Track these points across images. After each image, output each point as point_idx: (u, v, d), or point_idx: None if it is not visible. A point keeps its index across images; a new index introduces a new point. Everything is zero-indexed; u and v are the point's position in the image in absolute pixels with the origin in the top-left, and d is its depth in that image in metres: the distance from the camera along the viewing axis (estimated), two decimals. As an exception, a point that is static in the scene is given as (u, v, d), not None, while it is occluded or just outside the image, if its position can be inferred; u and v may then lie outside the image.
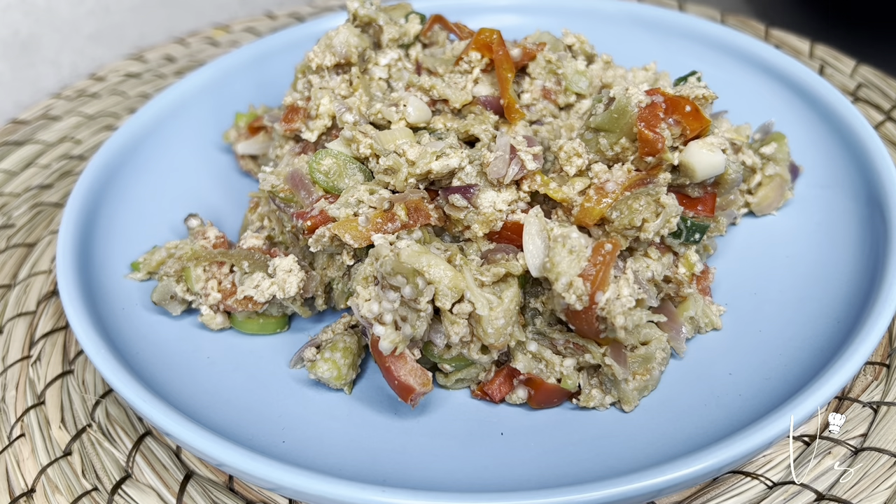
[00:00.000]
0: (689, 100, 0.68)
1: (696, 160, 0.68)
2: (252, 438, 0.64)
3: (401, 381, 0.64)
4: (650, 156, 0.68)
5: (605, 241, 0.64)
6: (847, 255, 0.74)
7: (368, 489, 0.55)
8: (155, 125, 0.93)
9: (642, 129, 0.66)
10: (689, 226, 0.70)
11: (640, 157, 0.68)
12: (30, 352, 0.82)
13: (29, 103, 1.23)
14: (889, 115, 1.01)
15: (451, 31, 0.90)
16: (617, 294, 0.62)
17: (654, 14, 1.03)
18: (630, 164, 0.69)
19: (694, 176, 0.69)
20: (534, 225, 0.66)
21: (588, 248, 0.63)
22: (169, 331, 0.75)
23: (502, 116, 0.80)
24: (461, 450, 0.64)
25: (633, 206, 0.66)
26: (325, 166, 0.72)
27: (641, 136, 0.67)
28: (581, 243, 0.63)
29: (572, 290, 0.62)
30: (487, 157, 0.68)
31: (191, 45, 1.33)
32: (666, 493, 0.58)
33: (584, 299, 0.62)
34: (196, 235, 0.80)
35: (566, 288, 0.62)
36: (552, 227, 0.65)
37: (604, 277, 0.62)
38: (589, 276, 0.62)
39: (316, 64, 0.81)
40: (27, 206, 1.02)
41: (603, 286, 0.62)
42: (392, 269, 0.62)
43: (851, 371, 0.60)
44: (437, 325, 0.65)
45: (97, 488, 0.69)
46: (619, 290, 0.63)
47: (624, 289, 0.63)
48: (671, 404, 0.66)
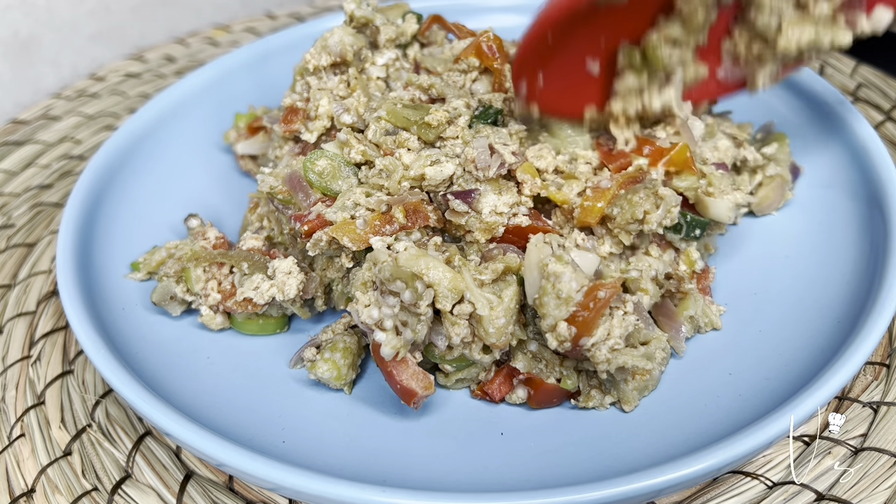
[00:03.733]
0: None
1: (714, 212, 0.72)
2: (252, 438, 0.64)
3: (403, 386, 0.64)
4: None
5: (602, 286, 0.62)
6: (847, 255, 0.74)
7: (368, 489, 0.55)
8: (155, 125, 0.93)
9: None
10: (689, 221, 0.70)
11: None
12: (30, 352, 0.82)
13: (29, 103, 1.23)
14: (889, 115, 1.01)
15: (449, 31, 0.90)
16: (607, 334, 0.62)
17: (654, 14, 1.03)
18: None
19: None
20: (532, 257, 0.64)
21: (580, 291, 0.61)
22: (169, 331, 0.75)
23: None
24: (461, 450, 0.64)
25: (632, 201, 0.67)
26: (319, 167, 0.72)
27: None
28: (572, 287, 0.61)
29: (555, 333, 0.62)
30: (470, 154, 0.68)
31: (191, 45, 1.34)
32: (666, 493, 0.57)
33: (566, 345, 0.62)
34: (196, 236, 0.80)
35: (550, 329, 0.62)
36: (547, 263, 0.62)
37: (592, 323, 0.61)
38: (577, 320, 0.61)
39: (313, 65, 0.82)
40: (27, 206, 1.02)
41: (589, 332, 0.61)
42: (391, 274, 0.62)
43: (851, 371, 0.60)
44: (438, 326, 0.65)
45: (97, 488, 0.69)
46: (611, 331, 0.62)
47: (616, 329, 0.62)
48: (671, 404, 0.66)
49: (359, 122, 0.78)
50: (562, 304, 0.61)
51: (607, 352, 0.62)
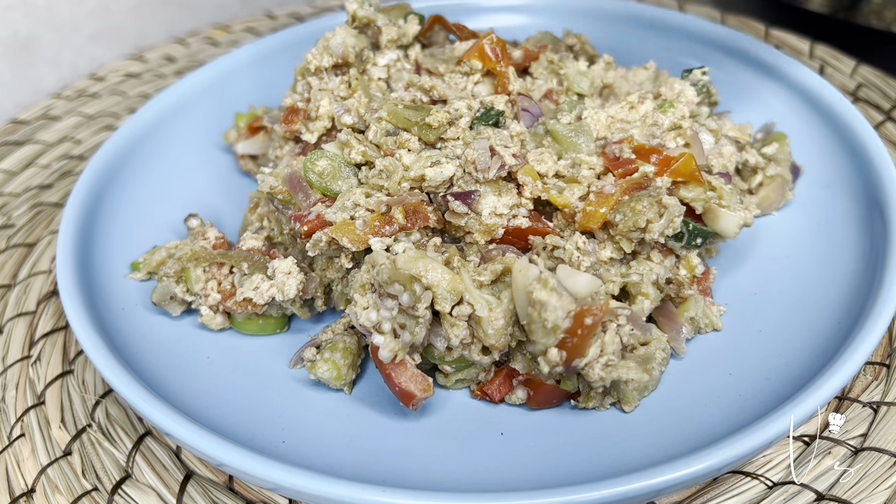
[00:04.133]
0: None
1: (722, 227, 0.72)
2: (252, 438, 0.64)
3: (402, 388, 0.64)
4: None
5: (589, 313, 0.61)
6: (847, 255, 0.74)
7: (368, 489, 0.55)
8: (155, 125, 0.93)
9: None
10: (691, 230, 0.70)
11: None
12: (30, 352, 0.82)
13: (29, 103, 1.23)
14: (889, 115, 1.01)
15: (450, 32, 0.90)
16: (599, 352, 0.62)
17: (654, 14, 1.03)
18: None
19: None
20: (518, 282, 0.63)
21: (567, 318, 0.60)
22: (169, 331, 0.75)
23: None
24: (461, 450, 0.64)
25: (636, 208, 0.66)
26: (319, 167, 0.72)
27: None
28: (558, 316, 0.60)
29: (545, 358, 0.62)
30: (471, 155, 0.68)
31: (191, 45, 1.33)
32: (666, 493, 0.57)
33: (558, 370, 0.62)
34: (196, 236, 0.80)
35: (541, 353, 0.62)
36: (532, 290, 0.61)
37: (582, 347, 0.61)
38: (566, 346, 0.61)
39: (314, 66, 0.82)
40: (27, 206, 1.02)
41: (580, 355, 0.61)
42: (389, 277, 0.62)
43: (851, 371, 0.60)
44: (438, 328, 0.65)
45: (97, 488, 0.69)
46: (604, 348, 0.62)
47: (609, 346, 0.62)
48: (671, 404, 0.66)
49: (359, 122, 0.78)
50: (549, 333, 0.61)
51: (601, 370, 0.62)
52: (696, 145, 0.74)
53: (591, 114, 0.76)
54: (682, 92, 0.77)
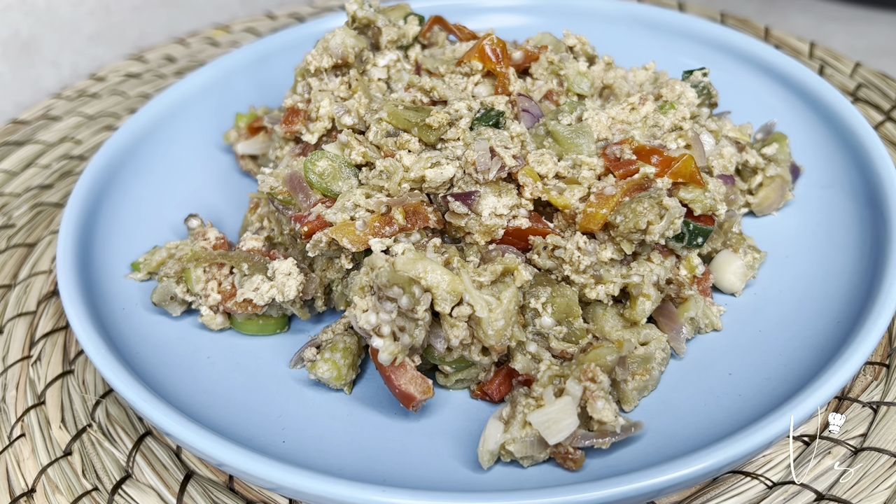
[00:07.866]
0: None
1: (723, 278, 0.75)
2: (252, 438, 0.64)
3: (401, 390, 0.64)
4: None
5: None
6: (847, 255, 0.74)
7: (368, 489, 0.55)
8: (155, 125, 0.93)
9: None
10: (691, 229, 0.70)
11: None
12: (30, 352, 0.82)
13: (29, 103, 1.23)
14: (889, 115, 1.01)
15: (450, 32, 0.90)
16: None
17: (654, 14, 1.03)
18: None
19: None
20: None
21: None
22: (169, 331, 0.75)
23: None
24: (461, 450, 0.65)
25: (636, 210, 0.66)
26: (319, 168, 0.72)
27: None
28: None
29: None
30: (471, 156, 0.68)
31: (191, 45, 1.33)
32: (666, 493, 0.58)
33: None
34: (196, 236, 0.80)
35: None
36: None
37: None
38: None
39: (314, 66, 0.82)
40: (27, 206, 1.02)
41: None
42: (387, 280, 0.62)
43: (851, 371, 0.60)
44: (437, 329, 0.65)
45: (97, 488, 0.69)
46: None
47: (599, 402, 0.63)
48: (671, 404, 0.66)
49: (360, 123, 0.78)
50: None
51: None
52: (697, 146, 0.74)
53: (591, 115, 0.76)
54: (682, 93, 0.77)
